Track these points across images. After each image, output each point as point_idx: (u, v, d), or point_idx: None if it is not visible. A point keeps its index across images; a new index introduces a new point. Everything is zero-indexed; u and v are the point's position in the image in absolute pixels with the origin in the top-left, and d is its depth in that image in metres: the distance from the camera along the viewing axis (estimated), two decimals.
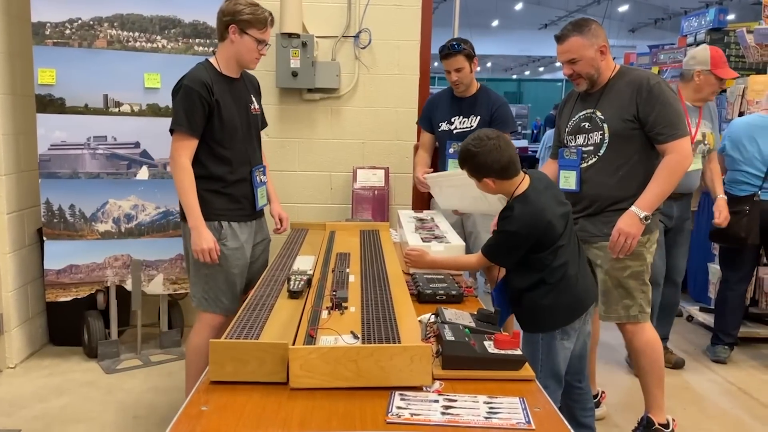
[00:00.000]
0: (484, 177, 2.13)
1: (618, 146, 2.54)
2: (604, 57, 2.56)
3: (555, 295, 2.12)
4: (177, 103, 2.49)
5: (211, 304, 2.61)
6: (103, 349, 3.57)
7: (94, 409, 3.03)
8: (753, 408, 3.23)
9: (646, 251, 2.57)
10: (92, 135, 3.46)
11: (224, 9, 2.52)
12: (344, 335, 1.62)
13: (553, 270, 2.11)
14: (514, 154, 2.14)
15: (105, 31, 3.45)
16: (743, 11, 12.96)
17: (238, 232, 2.61)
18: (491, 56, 24.59)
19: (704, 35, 5.27)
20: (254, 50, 2.56)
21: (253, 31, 2.51)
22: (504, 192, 2.17)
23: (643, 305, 2.60)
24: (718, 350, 3.82)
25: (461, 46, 3.28)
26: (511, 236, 2.09)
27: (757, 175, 3.57)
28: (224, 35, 2.54)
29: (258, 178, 2.69)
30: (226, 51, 2.56)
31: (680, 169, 2.49)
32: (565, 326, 2.16)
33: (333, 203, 4.01)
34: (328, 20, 3.88)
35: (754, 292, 4.18)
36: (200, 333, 2.64)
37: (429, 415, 1.35)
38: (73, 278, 3.48)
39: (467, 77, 3.34)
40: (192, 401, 1.42)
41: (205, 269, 2.57)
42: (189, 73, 2.53)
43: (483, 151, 2.10)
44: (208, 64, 2.58)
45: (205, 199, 2.53)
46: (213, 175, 2.55)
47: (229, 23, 2.50)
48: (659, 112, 2.46)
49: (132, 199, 3.56)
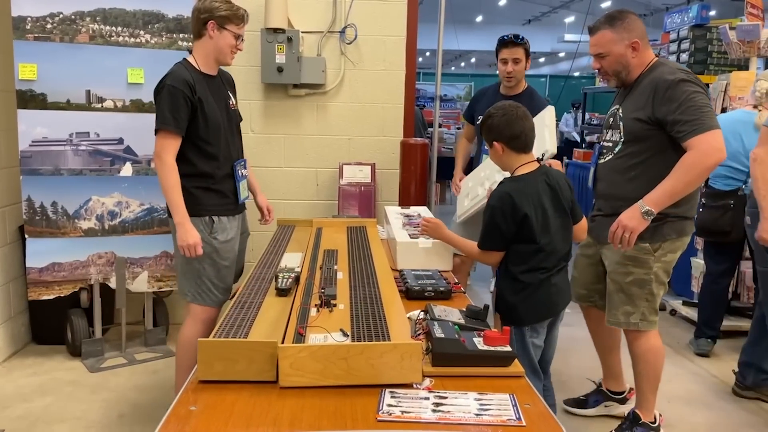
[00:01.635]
0: (495, 140, 2.18)
1: (632, 146, 2.46)
2: (636, 53, 2.44)
3: (529, 294, 2.17)
4: (161, 103, 2.50)
5: (204, 297, 2.66)
6: (87, 348, 3.53)
7: (78, 408, 3.00)
8: (735, 400, 3.27)
9: (653, 260, 2.47)
10: (75, 131, 3.41)
11: (200, 7, 2.56)
12: (333, 333, 1.61)
13: (532, 272, 2.15)
14: (529, 130, 2.18)
15: (87, 25, 3.40)
16: (724, 7, 13.08)
17: (228, 226, 2.66)
18: (475, 52, 24.63)
19: (687, 32, 5.31)
20: (233, 45, 2.61)
21: (231, 26, 2.57)
22: (508, 165, 2.22)
23: (646, 314, 2.54)
24: (701, 343, 3.86)
25: (524, 39, 3.43)
26: (491, 211, 2.15)
27: (741, 170, 3.61)
28: (201, 32, 2.58)
29: (240, 172, 2.72)
30: (204, 48, 2.60)
31: (699, 166, 2.31)
32: (534, 324, 2.21)
33: (319, 199, 4.00)
34: (313, 15, 3.85)
35: (736, 285, 4.23)
36: (192, 326, 2.68)
37: (420, 413, 1.35)
38: (56, 276, 3.43)
39: (521, 72, 3.43)
40: (180, 401, 1.41)
41: (197, 263, 2.61)
42: (170, 72, 2.55)
43: (499, 113, 2.17)
44: (186, 63, 2.62)
45: (196, 195, 2.58)
46: (201, 172, 2.59)
47: (207, 20, 2.54)
48: (677, 110, 2.32)
49: (116, 196, 3.52)
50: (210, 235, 2.60)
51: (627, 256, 2.51)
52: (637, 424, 2.69)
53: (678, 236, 2.49)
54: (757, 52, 4.18)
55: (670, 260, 2.51)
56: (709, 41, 5.17)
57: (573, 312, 4.73)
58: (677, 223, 2.47)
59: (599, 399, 3.01)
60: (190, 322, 2.70)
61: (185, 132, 2.52)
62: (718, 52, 5.15)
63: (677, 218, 2.46)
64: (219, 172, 2.63)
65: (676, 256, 2.53)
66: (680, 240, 2.50)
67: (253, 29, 3.70)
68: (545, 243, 2.14)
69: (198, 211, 2.58)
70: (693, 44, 5.23)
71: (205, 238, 2.58)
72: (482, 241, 2.21)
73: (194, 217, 2.57)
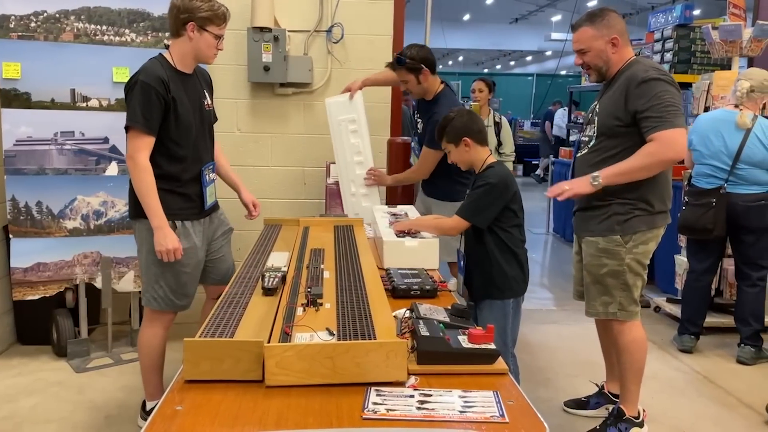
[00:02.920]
0: (464, 136, 2.46)
1: (605, 141, 2.54)
2: (617, 49, 2.52)
3: (518, 265, 2.49)
4: (133, 100, 2.41)
5: (160, 302, 2.62)
6: (73, 348, 3.51)
7: (64, 408, 2.99)
8: (718, 396, 3.32)
9: (625, 252, 2.55)
10: (59, 130, 3.39)
11: (179, 5, 2.45)
12: (320, 332, 1.62)
13: (517, 242, 2.48)
14: (483, 127, 2.55)
15: (71, 24, 3.38)
16: (708, 6, 13.21)
17: (191, 231, 2.59)
18: (462, 50, 24.67)
19: (671, 31, 5.37)
20: (213, 46, 2.53)
21: (212, 27, 2.49)
22: (476, 159, 2.50)
23: (624, 304, 2.60)
24: (684, 340, 3.91)
25: (403, 59, 3.25)
26: (491, 188, 2.40)
27: (723, 169, 3.66)
28: (180, 32, 2.48)
29: (207, 176, 2.64)
30: (181, 47, 2.51)
31: (656, 156, 2.39)
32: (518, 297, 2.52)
33: (306, 198, 4.00)
34: (300, 14, 3.85)
35: (719, 282, 4.29)
36: (150, 327, 2.68)
37: (405, 411, 1.36)
38: (41, 276, 3.41)
39: (414, 88, 3.35)
40: (166, 401, 1.41)
41: (156, 268, 2.55)
42: (143, 68, 2.46)
43: (460, 114, 2.51)
44: (162, 59, 2.52)
45: (160, 198, 2.48)
46: (167, 174, 2.51)
47: (187, 20, 2.45)
48: (646, 106, 2.39)
49: (101, 196, 3.50)
50: None
51: (600, 249, 2.59)
52: (621, 419, 2.72)
53: (648, 228, 2.56)
54: (739, 52, 4.23)
55: (643, 251, 2.57)
56: (693, 41, 5.22)
57: (559, 309, 4.83)
58: (646, 217, 2.54)
59: (600, 401, 3.04)
60: (146, 323, 2.69)
61: (125, 126, 2.43)
62: (701, 52, 5.20)
63: (645, 212, 2.54)
64: (185, 174, 2.55)
65: (648, 247, 2.59)
66: (651, 232, 2.57)
67: (240, 28, 3.70)
68: (521, 219, 2.50)
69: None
70: (677, 44, 5.28)
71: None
72: (470, 213, 2.44)
73: None
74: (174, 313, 2.68)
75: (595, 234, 2.61)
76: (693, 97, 4.63)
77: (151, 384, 2.73)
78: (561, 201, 2.59)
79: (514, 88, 18.66)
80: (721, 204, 3.62)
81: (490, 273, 2.47)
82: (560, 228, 7.41)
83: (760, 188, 3.65)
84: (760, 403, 3.20)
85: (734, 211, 3.64)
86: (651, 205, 2.54)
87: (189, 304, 2.69)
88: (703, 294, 3.93)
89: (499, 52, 26.07)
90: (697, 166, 3.81)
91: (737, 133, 3.63)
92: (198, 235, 2.62)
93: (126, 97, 2.46)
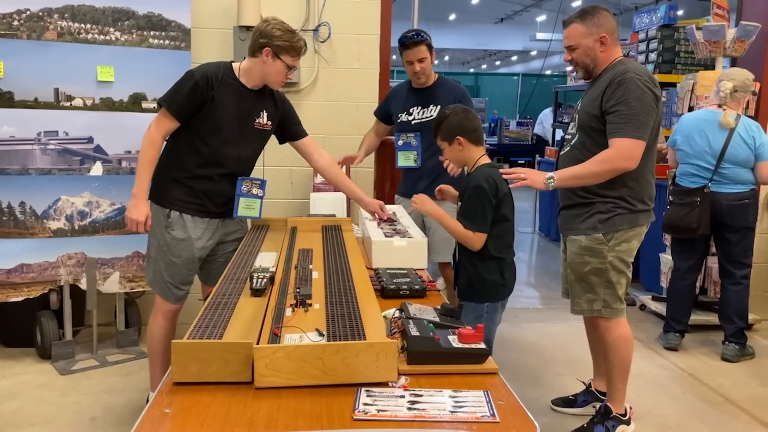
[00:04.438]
0: (458, 135, 2.42)
1: (585, 139, 2.57)
2: (605, 47, 2.54)
3: (498, 270, 2.42)
4: (176, 82, 2.55)
5: (155, 286, 2.70)
6: (58, 350, 3.47)
7: (49, 411, 2.95)
8: (703, 393, 3.35)
9: (607, 250, 2.57)
10: (43, 130, 3.34)
11: (261, 30, 2.55)
12: (309, 333, 1.61)
13: (502, 248, 2.42)
14: (479, 127, 2.48)
15: (55, 22, 3.34)
16: (691, 6, 13.36)
17: (189, 225, 2.63)
18: (448, 50, 24.71)
19: (655, 32, 5.41)
20: (283, 74, 2.59)
21: (286, 57, 2.55)
22: (469, 158, 2.47)
23: (609, 301, 2.62)
24: (669, 338, 3.94)
25: (423, 35, 3.29)
26: (478, 191, 2.34)
27: (707, 168, 3.70)
28: (256, 53, 2.57)
29: (243, 187, 2.70)
30: (252, 66, 2.60)
31: (609, 164, 2.44)
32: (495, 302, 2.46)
33: (294, 198, 3.99)
34: (286, 13, 3.82)
35: (704, 280, 4.33)
36: (153, 315, 2.76)
37: (396, 411, 1.36)
38: (25, 278, 3.37)
39: (429, 67, 3.35)
40: (154, 403, 1.39)
41: (153, 251, 2.67)
42: (204, 64, 2.63)
43: (455, 112, 2.46)
44: (227, 64, 2.63)
45: (165, 184, 2.62)
46: (180, 163, 2.61)
47: (264, 45, 2.53)
48: (614, 107, 2.44)
49: (86, 196, 3.46)
50: (165, 228, 2.61)
51: (583, 247, 2.61)
52: (608, 417, 2.74)
53: (630, 227, 2.57)
54: (723, 52, 4.27)
55: (626, 249, 2.59)
56: (677, 41, 5.26)
57: (546, 308, 4.85)
58: (628, 215, 2.57)
59: (587, 399, 3.05)
60: (154, 312, 2.76)
61: (185, 120, 2.54)
62: (685, 52, 5.25)
63: (627, 210, 2.56)
64: (198, 170, 2.61)
65: (631, 245, 2.60)
66: (633, 230, 2.59)
67: (226, 27, 3.68)
68: (511, 223, 2.44)
69: (161, 200, 2.62)
70: (661, 44, 5.32)
71: (160, 230, 2.62)
72: (473, 222, 2.36)
73: (156, 204, 2.63)
74: (174, 305, 2.72)
75: (579, 232, 2.62)
76: (677, 96, 4.67)
77: (153, 374, 2.79)
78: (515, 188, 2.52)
79: (499, 87, 18.75)
80: (706, 203, 3.66)
81: (468, 275, 2.45)
82: (545, 227, 7.46)
83: (744, 187, 3.69)
84: (745, 399, 3.24)
85: (718, 210, 3.68)
86: (633, 204, 2.56)
87: (180, 297, 2.71)
88: (687, 292, 3.97)
89: (485, 51, 26.16)
90: (681, 165, 3.84)
91: (721, 133, 3.67)
92: (198, 231, 2.65)
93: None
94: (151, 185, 2.63)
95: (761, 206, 4.41)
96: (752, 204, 3.74)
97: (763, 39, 4.29)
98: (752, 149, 3.65)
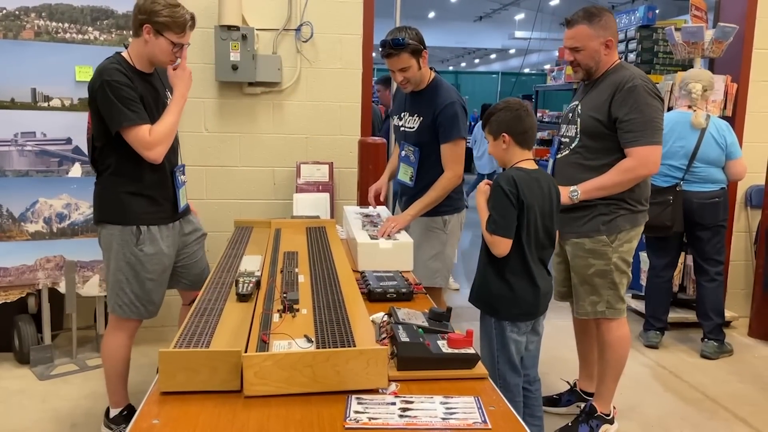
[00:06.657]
0: (504, 132, 2.22)
1: (588, 144, 2.56)
2: (609, 51, 2.54)
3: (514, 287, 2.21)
4: (108, 102, 2.30)
5: (125, 309, 2.55)
6: (36, 355, 3.41)
7: (28, 418, 2.90)
8: (683, 390, 3.40)
9: (611, 251, 2.59)
10: (20, 131, 3.28)
11: (141, 6, 2.35)
12: (298, 339, 1.60)
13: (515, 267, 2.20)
14: (531, 128, 2.25)
15: (32, 21, 3.27)
16: (666, 6, 13.53)
17: (158, 237, 2.52)
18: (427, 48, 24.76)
19: (634, 32, 5.45)
20: (169, 53, 2.40)
21: (169, 34, 2.35)
22: (508, 159, 2.27)
23: (612, 302, 2.64)
24: (650, 336, 3.99)
25: (403, 40, 2.75)
26: (500, 193, 2.17)
27: (679, 168, 3.76)
28: (138, 32, 2.38)
29: (179, 178, 2.58)
30: (139, 48, 2.41)
31: (632, 173, 2.48)
32: (515, 321, 2.24)
33: (276, 199, 3.96)
34: (268, 13, 3.80)
35: (682, 278, 4.39)
36: (114, 334, 2.61)
37: (387, 419, 1.35)
38: (2, 281, 3.30)
39: (415, 75, 2.84)
40: (142, 414, 1.37)
41: (120, 275, 2.50)
42: (101, 69, 2.35)
43: (509, 107, 2.23)
44: (119, 58, 2.42)
45: (122, 201, 2.44)
46: (130, 176, 2.44)
47: (144, 22, 2.34)
48: (627, 115, 2.44)
49: (64, 198, 3.40)
50: (136, 246, 2.47)
51: (587, 249, 2.61)
52: (592, 416, 2.76)
53: (632, 227, 2.61)
54: (701, 53, 4.33)
55: (627, 249, 2.63)
56: (656, 42, 5.31)
57: None
58: (629, 216, 2.60)
59: (572, 399, 3.08)
60: (110, 330, 2.63)
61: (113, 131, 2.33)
62: (664, 53, 5.30)
63: (629, 211, 2.59)
64: (150, 177, 2.46)
65: (632, 245, 2.64)
66: (634, 230, 2.63)
67: (207, 26, 3.64)
68: (530, 238, 2.21)
69: (124, 218, 2.45)
70: (640, 44, 5.37)
71: (129, 250, 2.47)
72: (495, 225, 2.17)
73: (119, 225, 2.45)
74: (139, 320, 2.62)
75: (581, 235, 2.62)
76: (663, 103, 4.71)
77: (115, 391, 2.67)
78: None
79: (479, 86, 18.79)
80: (678, 201, 3.72)
81: (478, 282, 2.34)
82: None
83: (714, 186, 3.76)
84: (724, 396, 3.29)
85: (689, 209, 3.74)
86: (633, 205, 2.60)
87: (156, 312, 2.63)
88: (664, 289, 4.02)
89: (464, 50, 26.25)
90: None
91: (693, 133, 3.73)
92: (165, 241, 2.55)
93: (96, 103, 2.35)
94: (105, 209, 2.48)
95: (737, 205, 4.49)
96: (722, 202, 3.80)
97: (740, 40, 4.36)
98: (723, 148, 3.72)
